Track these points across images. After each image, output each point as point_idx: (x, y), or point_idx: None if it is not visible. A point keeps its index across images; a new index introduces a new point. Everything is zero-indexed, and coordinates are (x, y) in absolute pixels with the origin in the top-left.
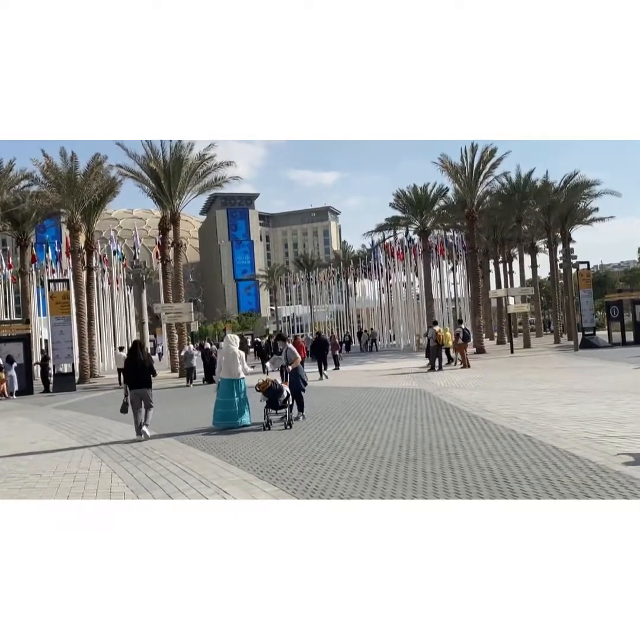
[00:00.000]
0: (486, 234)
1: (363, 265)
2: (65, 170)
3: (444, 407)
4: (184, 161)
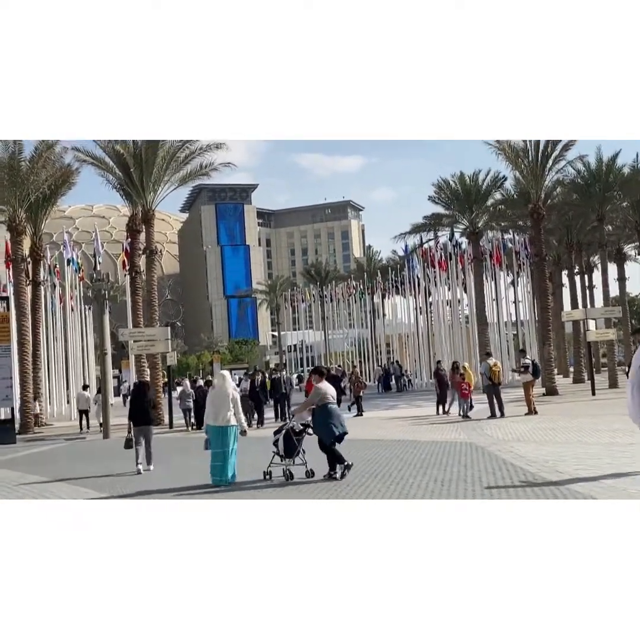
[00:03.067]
0: (557, 237)
1: (394, 278)
2: (5, 156)
3: (502, 467)
4: (160, 143)
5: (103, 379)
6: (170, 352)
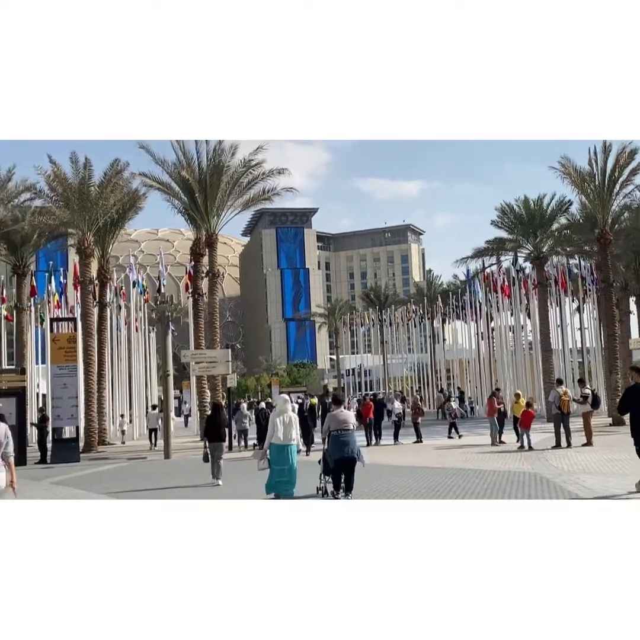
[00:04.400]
0: (625, 262)
1: (455, 303)
2: (76, 181)
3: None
4: (224, 169)
5: (165, 399)
6: (230, 374)
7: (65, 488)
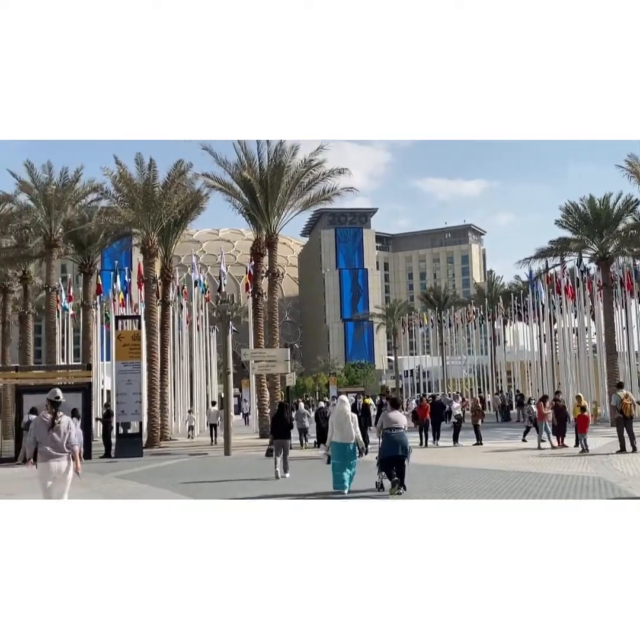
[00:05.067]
0: None
1: (516, 304)
2: (141, 182)
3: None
4: (285, 169)
5: (225, 397)
6: (289, 373)
7: (129, 482)
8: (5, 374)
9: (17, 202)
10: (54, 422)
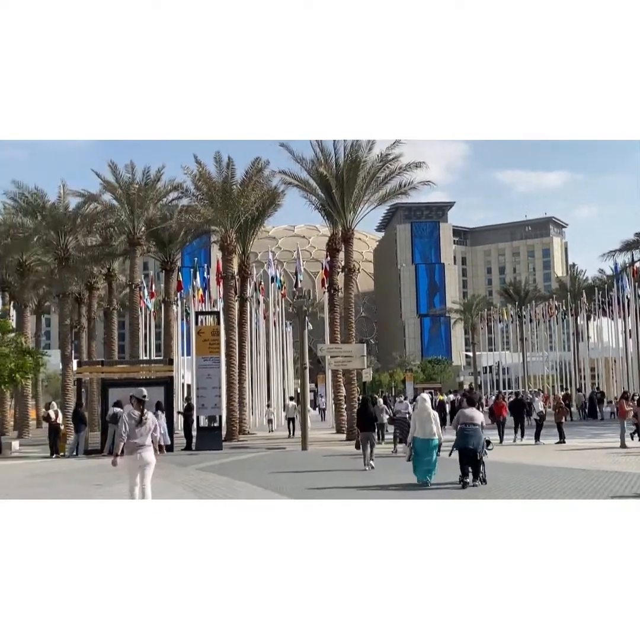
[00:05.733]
0: None
1: (600, 298)
2: (219, 180)
3: None
4: (361, 164)
5: (302, 392)
6: (365, 368)
7: (209, 474)
8: (91, 368)
9: (101, 201)
10: (142, 418)
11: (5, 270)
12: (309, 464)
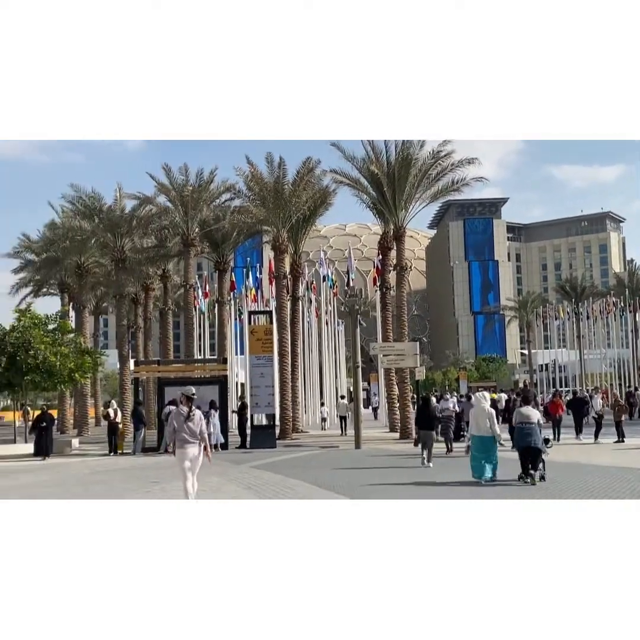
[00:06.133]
0: None
1: None
2: (271, 180)
3: None
4: (412, 161)
5: (355, 391)
6: (418, 367)
7: (263, 472)
8: (148, 368)
9: (156, 203)
10: (190, 414)
11: (65, 272)
12: (363, 462)
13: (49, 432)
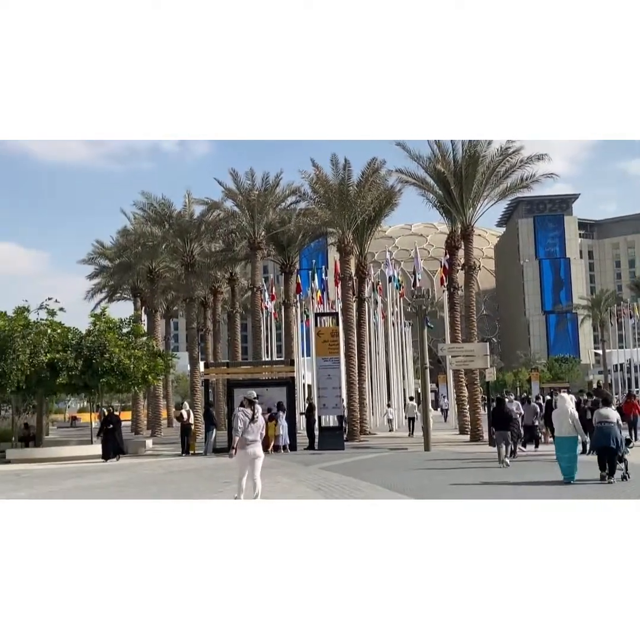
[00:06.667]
0: None
1: None
2: (336, 182)
3: None
4: (480, 159)
5: (423, 392)
6: (488, 368)
7: (333, 473)
8: (217, 370)
9: (223, 208)
10: (253, 417)
11: (137, 277)
12: (434, 464)
13: (116, 433)
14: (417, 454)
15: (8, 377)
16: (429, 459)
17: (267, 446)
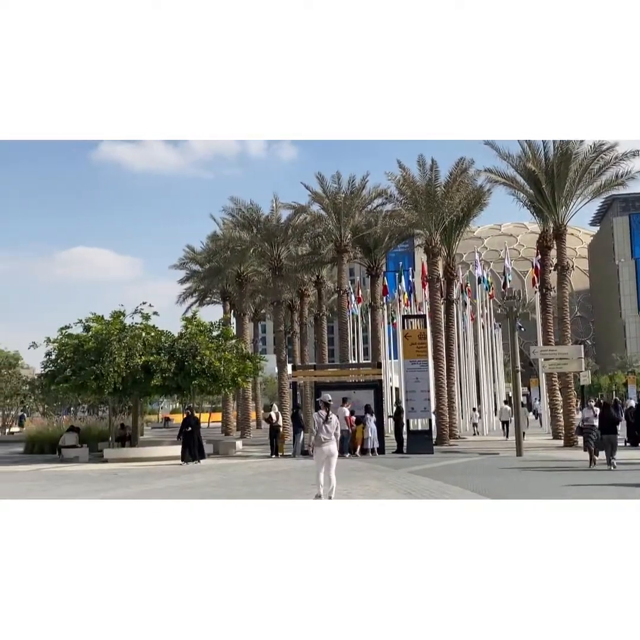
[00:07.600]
0: None
1: None
2: (423, 183)
3: None
4: (572, 156)
5: (515, 396)
6: (583, 371)
7: (422, 477)
8: (305, 372)
9: (310, 212)
10: (327, 418)
11: (226, 282)
12: (527, 470)
13: (195, 436)
14: (508, 459)
15: (105, 379)
16: (521, 464)
17: (354, 448)
